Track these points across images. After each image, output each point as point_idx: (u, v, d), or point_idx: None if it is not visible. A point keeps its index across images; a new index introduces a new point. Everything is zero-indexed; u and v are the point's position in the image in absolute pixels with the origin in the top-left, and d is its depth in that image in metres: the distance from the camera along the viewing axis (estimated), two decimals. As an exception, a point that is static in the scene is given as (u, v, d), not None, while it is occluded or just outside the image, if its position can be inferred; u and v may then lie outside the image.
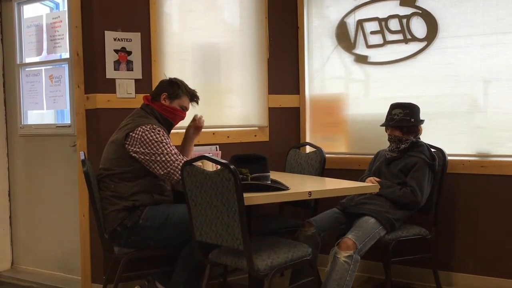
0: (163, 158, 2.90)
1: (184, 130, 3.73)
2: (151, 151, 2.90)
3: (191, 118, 3.35)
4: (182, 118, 3.22)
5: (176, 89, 3.15)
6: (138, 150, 2.91)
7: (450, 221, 3.59)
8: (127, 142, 2.94)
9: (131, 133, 2.94)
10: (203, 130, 3.82)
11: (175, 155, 2.92)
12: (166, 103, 3.13)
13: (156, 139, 2.91)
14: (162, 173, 2.91)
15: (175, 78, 3.21)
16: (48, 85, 3.99)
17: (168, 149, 2.92)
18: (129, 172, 2.96)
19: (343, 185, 2.97)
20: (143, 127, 2.94)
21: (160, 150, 2.90)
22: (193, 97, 3.23)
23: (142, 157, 2.92)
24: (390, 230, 3.17)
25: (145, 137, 2.91)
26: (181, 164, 2.87)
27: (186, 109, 3.22)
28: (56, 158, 3.96)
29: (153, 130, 2.94)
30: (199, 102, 3.34)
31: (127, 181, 2.96)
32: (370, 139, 3.88)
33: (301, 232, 3.21)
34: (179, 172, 2.81)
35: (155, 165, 2.91)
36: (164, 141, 2.93)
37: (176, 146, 3.10)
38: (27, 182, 4.16)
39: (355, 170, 3.81)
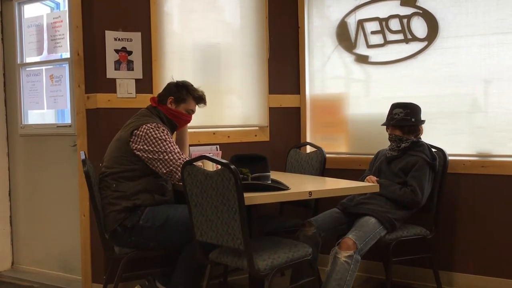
0: (166, 157, 2.91)
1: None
2: (155, 148, 2.91)
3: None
4: (188, 121, 3.25)
5: (183, 93, 3.17)
6: (141, 147, 2.92)
7: (451, 221, 3.59)
8: (132, 140, 2.95)
9: (135, 131, 2.95)
10: (204, 130, 3.84)
11: (177, 154, 2.94)
12: (172, 107, 3.15)
13: (160, 137, 2.93)
14: (164, 171, 2.93)
15: (182, 82, 3.23)
16: (48, 84, 3.99)
17: (171, 148, 2.94)
18: (131, 170, 2.97)
19: (343, 185, 2.98)
20: (148, 125, 2.96)
21: (163, 148, 2.92)
22: (200, 100, 3.24)
23: (146, 155, 2.92)
24: (391, 230, 3.17)
25: (149, 134, 2.93)
26: (182, 162, 2.87)
27: (193, 112, 3.24)
28: (57, 158, 3.96)
29: (158, 129, 2.96)
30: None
31: (129, 180, 2.97)
32: (371, 139, 3.88)
33: (302, 232, 3.21)
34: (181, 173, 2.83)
35: (158, 163, 2.92)
36: (168, 139, 2.95)
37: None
38: (28, 182, 4.16)
39: (356, 170, 3.81)
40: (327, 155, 3.64)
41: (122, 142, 2.99)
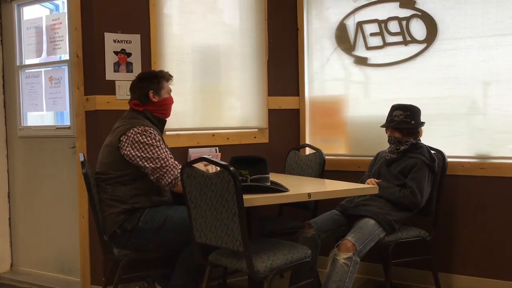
0: (152, 165, 2.88)
1: (183, 132, 3.74)
2: (142, 154, 2.88)
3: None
4: (173, 102, 3.20)
5: (156, 81, 3.11)
6: (129, 153, 2.90)
7: (450, 223, 3.59)
8: (120, 146, 2.93)
9: (123, 136, 2.93)
10: (203, 132, 3.84)
11: (163, 160, 2.90)
12: (157, 99, 3.10)
13: (147, 142, 2.90)
14: (152, 178, 2.92)
15: (143, 74, 3.20)
16: (47, 86, 3.99)
17: (157, 153, 2.90)
18: (125, 175, 2.95)
19: (342, 186, 2.98)
20: (135, 129, 2.93)
21: (150, 154, 2.89)
22: (169, 77, 3.19)
23: (133, 159, 2.90)
24: (390, 232, 3.17)
25: (137, 139, 2.90)
26: (170, 168, 2.87)
27: (171, 90, 3.20)
28: (56, 159, 3.96)
29: (145, 133, 2.92)
30: (200, 104, 3.32)
31: (123, 185, 2.95)
32: (370, 141, 3.88)
33: (301, 234, 3.21)
34: (168, 176, 2.86)
35: (146, 170, 2.90)
36: (155, 144, 2.92)
37: (171, 148, 3.10)
38: (27, 184, 4.16)
39: (355, 172, 3.81)
40: (326, 157, 3.64)
41: (112, 148, 2.97)
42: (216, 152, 3.81)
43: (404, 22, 3.75)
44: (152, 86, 3.10)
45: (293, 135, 4.22)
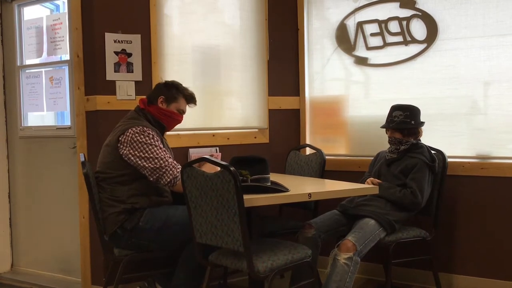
0: (151, 165, 2.87)
1: (183, 132, 3.74)
2: (140, 154, 2.88)
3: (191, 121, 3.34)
4: (179, 121, 3.20)
5: (173, 92, 3.13)
6: (128, 152, 2.89)
7: (451, 223, 3.59)
8: (119, 146, 2.93)
9: (122, 136, 2.93)
10: (203, 132, 3.84)
11: (162, 159, 2.89)
12: (163, 107, 3.11)
13: (145, 142, 2.89)
14: (151, 179, 2.91)
15: (172, 81, 3.20)
16: (48, 86, 3.99)
17: (156, 153, 2.89)
18: (124, 175, 2.95)
19: (343, 186, 2.98)
20: (133, 129, 2.92)
21: (148, 153, 2.88)
22: (190, 99, 3.20)
23: (132, 158, 2.90)
24: (390, 232, 3.17)
25: (135, 139, 2.89)
26: (169, 168, 2.86)
27: (183, 112, 3.20)
28: (56, 159, 3.96)
29: (143, 133, 2.91)
30: (200, 104, 3.32)
31: (122, 185, 2.95)
32: (370, 141, 3.88)
33: (301, 234, 3.21)
34: (167, 176, 2.85)
35: (145, 171, 2.90)
36: (153, 143, 2.91)
37: (173, 148, 3.09)
38: (27, 184, 4.16)
39: (355, 172, 3.81)
40: (326, 157, 3.64)
41: (112, 147, 2.97)
42: (216, 152, 3.81)
43: (404, 22, 3.75)
44: (167, 93, 3.12)
45: (294, 135, 4.22)
